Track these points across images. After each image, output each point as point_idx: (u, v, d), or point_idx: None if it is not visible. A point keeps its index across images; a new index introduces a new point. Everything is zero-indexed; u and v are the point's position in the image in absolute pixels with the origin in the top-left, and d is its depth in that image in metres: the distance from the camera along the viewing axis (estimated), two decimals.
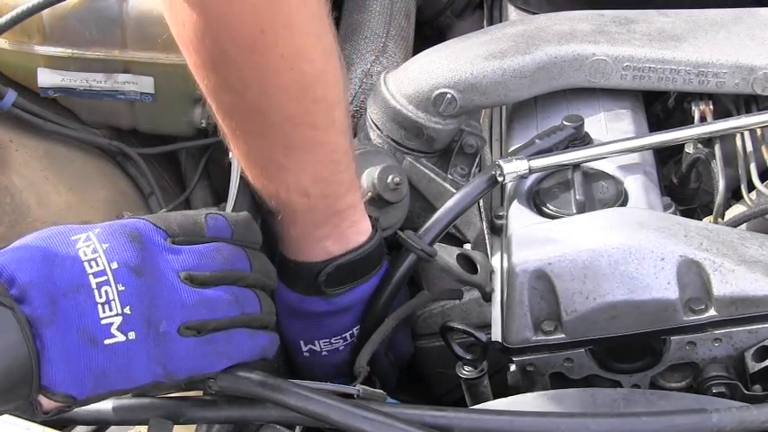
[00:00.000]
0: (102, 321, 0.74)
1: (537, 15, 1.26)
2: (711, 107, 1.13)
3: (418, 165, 1.16)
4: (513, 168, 0.99)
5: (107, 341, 0.74)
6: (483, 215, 1.12)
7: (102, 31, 1.48)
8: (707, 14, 1.18)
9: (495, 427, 0.79)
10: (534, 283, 0.93)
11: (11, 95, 1.48)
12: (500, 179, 1.00)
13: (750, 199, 1.06)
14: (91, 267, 0.75)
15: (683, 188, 1.13)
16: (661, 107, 1.22)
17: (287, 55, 0.87)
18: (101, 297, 0.75)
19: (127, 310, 0.75)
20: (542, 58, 1.13)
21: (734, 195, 1.10)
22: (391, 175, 1.08)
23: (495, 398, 0.98)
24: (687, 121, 1.15)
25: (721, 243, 0.92)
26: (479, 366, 0.98)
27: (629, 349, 0.95)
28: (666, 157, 1.16)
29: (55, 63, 1.49)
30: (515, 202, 1.04)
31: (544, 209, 1.02)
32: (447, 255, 1.02)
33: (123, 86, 1.51)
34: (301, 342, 1.04)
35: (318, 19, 0.89)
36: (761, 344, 0.92)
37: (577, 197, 1.00)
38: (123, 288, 0.75)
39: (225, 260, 0.82)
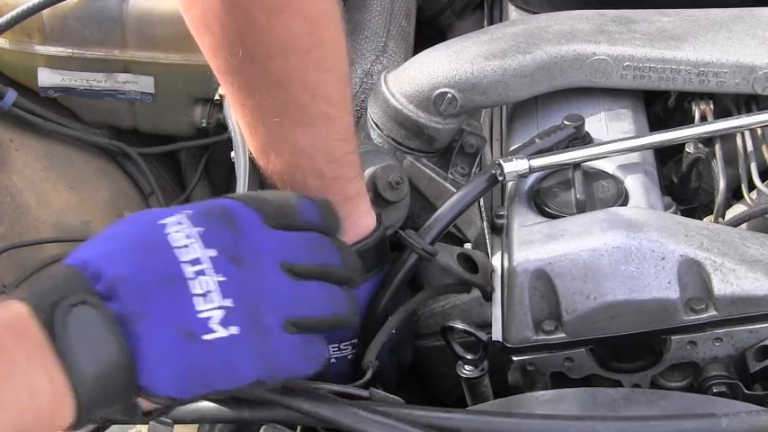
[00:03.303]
0: (200, 315, 0.68)
1: (537, 15, 1.26)
2: (712, 107, 1.13)
3: (418, 164, 1.16)
4: (513, 168, 0.99)
5: (206, 337, 0.68)
6: (483, 214, 1.12)
7: (103, 31, 1.48)
8: (707, 14, 1.18)
9: (504, 429, 0.79)
10: (535, 283, 0.93)
11: (11, 95, 1.48)
12: (500, 178, 1.00)
13: (751, 198, 1.06)
14: (185, 255, 0.69)
15: (684, 188, 1.13)
16: (661, 107, 1.22)
17: (309, 18, 0.88)
18: (198, 288, 0.69)
19: (228, 303, 0.69)
20: (543, 57, 1.13)
21: (734, 195, 1.10)
22: (391, 175, 1.08)
23: (495, 397, 0.98)
24: (687, 120, 1.15)
25: (722, 243, 0.92)
26: (480, 366, 0.98)
27: (630, 349, 0.95)
28: (667, 156, 1.16)
29: (55, 63, 1.49)
30: (516, 202, 1.04)
31: (544, 208, 1.02)
32: (447, 254, 1.02)
33: (123, 86, 1.51)
34: None
35: None
36: (761, 343, 0.92)
37: (578, 196, 1.00)
38: (223, 278, 0.70)
39: (320, 252, 0.78)
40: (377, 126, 1.17)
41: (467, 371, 0.98)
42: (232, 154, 1.07)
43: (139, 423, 0.78)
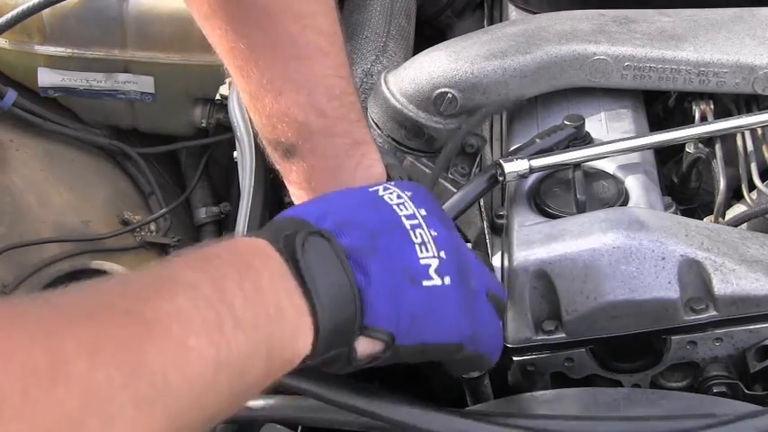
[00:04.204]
0: (421, 261, 0.73)
1: (537, 15, 1.26)
2: (712, 107, 1.13)
3: (419, 164, 1.16)
4: (513, 168, 0.99)
5: (425, 282, 0.72)
6: (483, 215, 1.11)
7: (103, 31, 1.48)
8: (707, 14, 1.18)
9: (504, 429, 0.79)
10: (535, 283, 0.93)
11: (11, 95, 1.48)
12: (500, 179, 1.00)
13: (751, 198, 1.06)
14: (401, 210, 0.74)
15: (684, 188, 1.13)
16: (661, 107, 1.22)
17: None
18: (416, 238, 0.73)
19: (442, 254, 0.74)
20: (543, 57, 1.13)
21: (734, 195, 1.10)
22: (391, 175, 1.08)
23: (495, 398, 0.98)
24: (687, 120, 1.15)
25: (722, 242, 0.92)
26: None
27: (630, 349, 0.95)
28: (667, 156, 1.16)
29: (55, 63, 1.50)
30: (516, 202, 1.04)
31: (545, 208, 1.02)
32: None
33: (123, 86, 1.51)
34: None
35: None
36: (761, 343, 0.92)
37: (578, 196, 1.00)
38: (435, 234, 0.74)
39: None
40: (377, 126, 1.17)
41: None
42: (235, 154, 1.06)
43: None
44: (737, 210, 1.07)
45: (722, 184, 1.06)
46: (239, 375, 0.60)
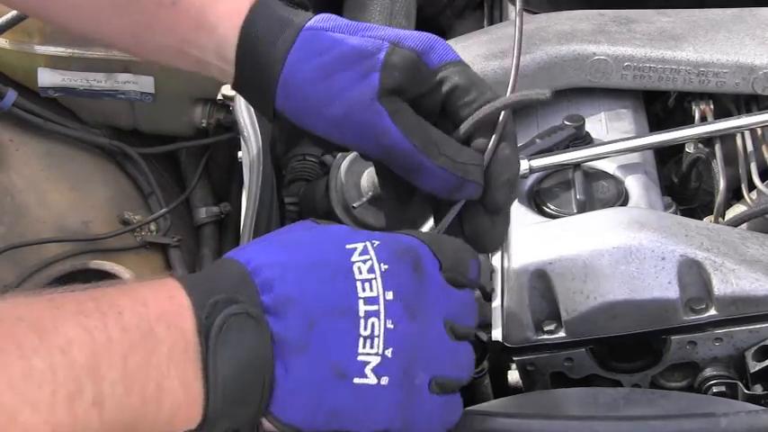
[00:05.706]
0: (359, 357, 0.66)
1: (537, 15, 1.26)
2: (712, 107, 1.13)
3: None
4: None
5: (356, 380, 0.66)
6: None
7: None
8: (707, 14, 1.18)
9: (503, 429, 0.79)
10: (535, 283, 0.93)
11: (11, 95, 1.48)
12: None
13: (750, 198, 1.06)
14: (364, 290, 0.66)
15: (684, 188, 1.13)
16: (661, 107, 1.22)
17: None
18: (365, 330, 0.66)
19: (388, 353, 0.66)
20: (543, 57, 1.13)
21: (734, 195, 1.10)
22: None
23: (495, 398, 0.98)
24: (687, 120, 1.15)
25: (722, 243, 0.92)
26: (480, 366, 0.98)
27: (630, 349, 0.95)
28: (667, 156, 1.16)
29: (55, 63, 1.49)
30: (516, 202, 1.04)
31: (545, 208, 1.02)
32: None
33: (123, 86, 1.51)
34: None
35: None
36: (761, 343, 0.92)
37: (578, 197, 1.00)
38: (392, 327, 0.66)
39: (475, 315, 0.74)
40: None
41: None
42: (239, 153, 1.06)
43: None
44: (737, 210, 1.07)
45: (722, 184, 1.06)
46: None
